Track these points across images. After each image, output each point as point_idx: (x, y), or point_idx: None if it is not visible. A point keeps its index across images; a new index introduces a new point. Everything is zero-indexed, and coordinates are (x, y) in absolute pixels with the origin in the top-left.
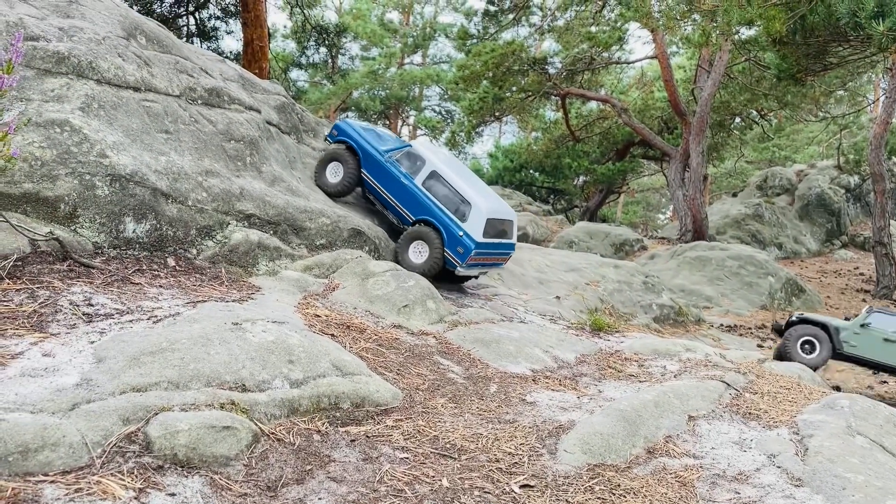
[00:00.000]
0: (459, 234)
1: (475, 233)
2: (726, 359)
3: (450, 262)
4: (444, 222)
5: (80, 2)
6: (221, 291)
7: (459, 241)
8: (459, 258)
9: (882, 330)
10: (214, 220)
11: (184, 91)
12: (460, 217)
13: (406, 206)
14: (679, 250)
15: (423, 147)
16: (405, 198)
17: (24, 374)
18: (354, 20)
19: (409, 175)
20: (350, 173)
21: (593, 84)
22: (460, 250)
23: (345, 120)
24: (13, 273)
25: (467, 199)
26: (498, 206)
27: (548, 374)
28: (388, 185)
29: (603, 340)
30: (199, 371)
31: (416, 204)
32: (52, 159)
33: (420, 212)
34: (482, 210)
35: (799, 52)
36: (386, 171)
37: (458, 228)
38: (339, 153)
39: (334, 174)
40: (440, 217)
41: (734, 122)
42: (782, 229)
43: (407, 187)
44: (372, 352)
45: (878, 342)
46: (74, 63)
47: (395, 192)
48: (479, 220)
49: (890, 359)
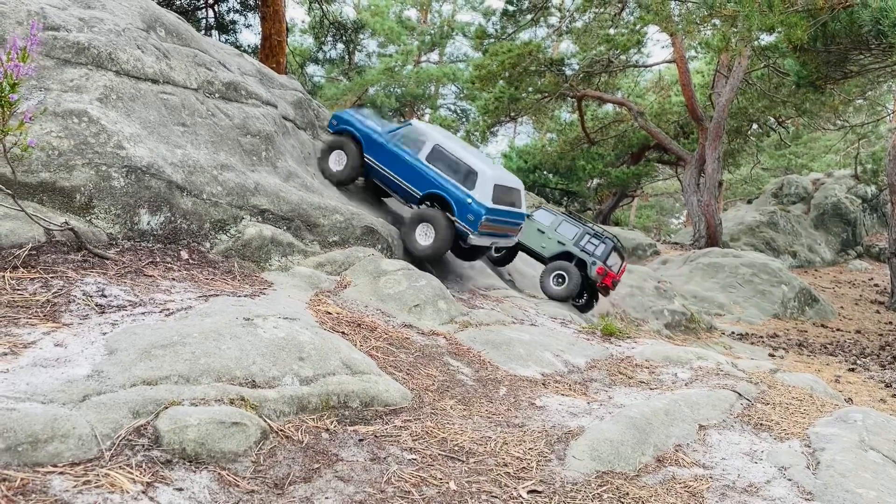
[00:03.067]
0: (468, 201)
1: (484, 199)
2: (738, 368)
3: (462, 232)
4: (452, 193)
5: None
6: (233, 286)
7: (469, 209)
8: (471, 226)
9: (539, 222)
10: (228, 214)
11: (202, 84)
12: (469, 186)
13: (412, 182)
14: (692, 256)
15: (422, 125)
16: (411, 175)
17: (35, 364)
18: (372, 17)
19: (413, 152)
20: (353, 160)
21: (610, 87)
22: (471, 217)
23: (343, 110)
24: (28, 262)
25: (472, 167)
26: (503, 174)
27: (558, 378)
28: (393, 164)
29: (614, 346)
30: (210, 366)
31: (422, 179)
32: (70, 149)
33: (427, 186)
34: (488, 176)
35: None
36: (389, 151)
37: (466, 196)
38: (340, 141)
39: (337, 162)
40: (447, 188)
41: (751, 129)
42: (797, 238)
43: (412, 164)
44: (382, 351)
45: (534, 232)
46: (94, 54)
47: (401, 171)
48: (486, 186)
49: (535, 245)
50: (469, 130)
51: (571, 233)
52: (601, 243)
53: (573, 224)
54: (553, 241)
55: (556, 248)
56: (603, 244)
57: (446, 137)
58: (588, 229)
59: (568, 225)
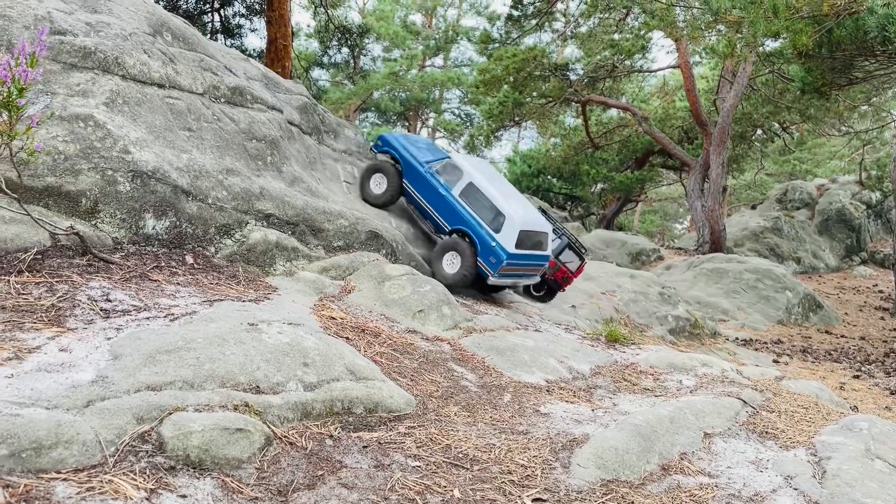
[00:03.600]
0: (492, 244)
1: (508, 244)
2: (743, 375)
3: (482, 272)
4: (478, 232)
5: None
6: (238, 290)
7: (492, 252)
8: (491, 268)
9: None
10: (234, 218)
11: (207, 89)
12: (495, 228)
13: (442, 215)
14: (696, 262)
15: (461, 159)
16: (442, 208)
17: (40, 369)
18: (377, 21)
19: (447, 186)
20: (393, 184)
21: (614, 92)
22: (492, 260)
23: (390, 133)
24: (33, 266)
25: (502, 210)
26: (532, 218)
27: (562, 385)
28: (427, 195)
29: (618, 352)
30: (214, 371)
31: (452, 214)
32: (76, 154)
33: (455, 221)
34: (515, 222)
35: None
36: (426, 181)
37: (490, 239)
38: (382, 166)
39: (378, 185)
40: (474, 227)
41: (755, 134)
42: (801, 244)
43: (444, 198)
44: (386, 356)
45: None
46: (100, 58)
47: (433, 202)
48: (512, 231)
49: None
50: (473, 135)
51: None
52: (556, 239)
53: None
54: None
55: None
56: (558, 240)
57: (482, 173)
58: None
59: None
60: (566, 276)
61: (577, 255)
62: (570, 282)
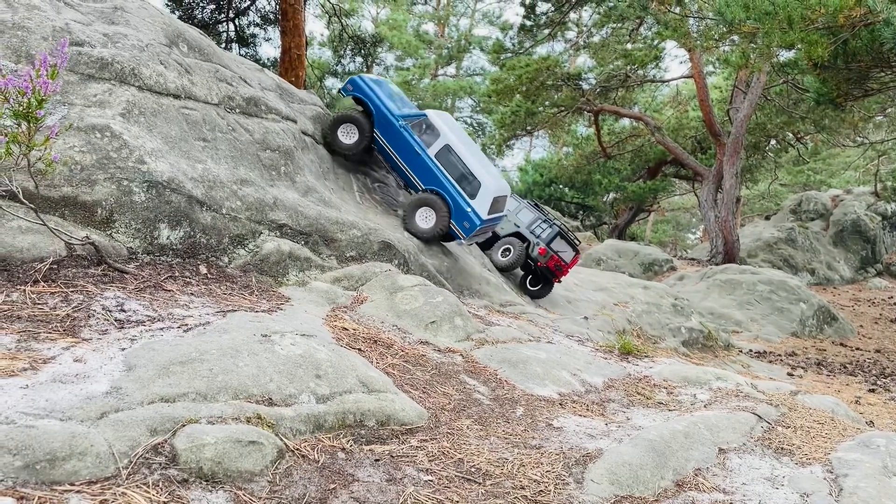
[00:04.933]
0: (467, 209)
1: (482, 210)
2: (758, 389)
3: (454, 234)
4: (454, 197)
5: (126, 9)
6: (251, 301)
7: (466, 216)
8: (465, 231)
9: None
10: (247, 228)
11: (222, 99)
12: (470, 194)
13: (417, 174)
14: (709, 272)
15: (438, 118)
16: (417, 166)
17: (55, 380)
18: (390, 31)
19: (423, 145)
20: (364, 133)
21: (627, 101)
22: (466, 225)
23: (361, 75)
24: (48, 276)
25: (477, 177)
26: (500, 184)
27: (575, 398)
28: (401, 150)
29: (632, 365)
30: (228, 383)
31: (427, 174)
32: (92, 164)
33: (430, 182)
34: (490, 189)
35: (840, 76)
36: (400, 136)
37: (465, 204)
38: (351, 115)
39: (348, 135)
40: (449, 190)
41: (769, 145)
42: (815, 255)
43: (420, 157)
44: (398, 368)
45: None
46: (117, 69)
47: (407, 159)
48: (486, 198)
49: None
50: (485, 143)
51: (528, 218)
52: (549, 228)
53: (531, 211)
54: (511, 223)
55: (511, 229)
56: (550, 229)
57: (457, 136)
58: (542, 216)
59: (527, 212)
60: (559, 265)
61: (571, 245)
62: (564, 272)
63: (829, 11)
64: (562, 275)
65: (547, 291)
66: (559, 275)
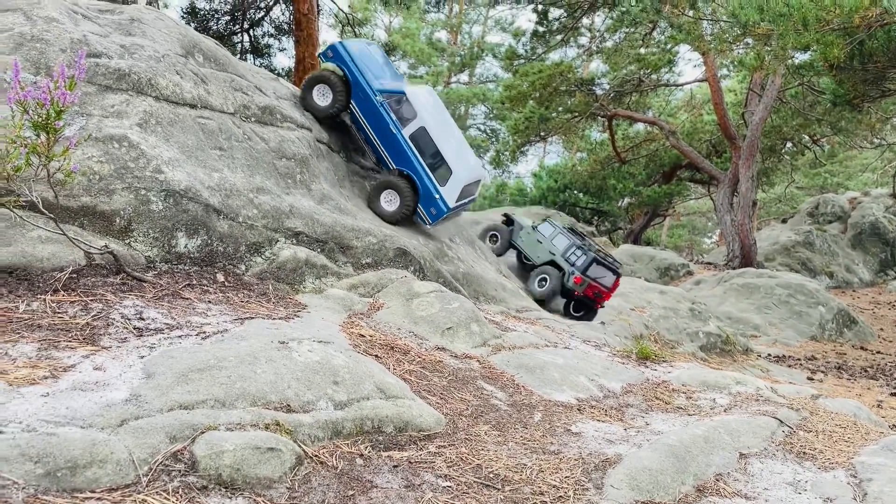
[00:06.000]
0: (436, 196)
1: (450, 198)
2: (778, 393)
3: (420, 218)
4: (423, 180)
5: (142, 20)
6: (268, 308)
7: (434, 203)
8: (430, 217)
9: (541, 234)
10: (264, 236)
11: (238, 109)
12: (440, 181)
13: (390, 153)
14: (726, 276)
15: (417, 98)
16: (390, 145)
17: (75, 388)
18: (403, 39)
19: (398, 124)
20: (339, 97)
21: (641, 105)
22: (433, 211)
23: (343, 42)
24: (68, 285)
25: (450, 165)
26: (471, 171)
27: (593, 403)
28: (376, 126)
29: (650, 370)
30: (246, 390)
31: (400, 154)
32: (110, 174)
33: (402, 162)
34: (460, 178)
35: (856, 77)
36: (376, 111)
37: (434, 191)
38: (327, 77)
39: (323, 96)
40: (420, 174)
41: (785, 147)
42: (834, 258)
43: (393, 135)
44: (415, 374)
45: (534, 241)
46: (134, 80)
47: (381, 136)
48: (456, 187)
49: (532, 253)
50: (499, 150)
51: (562, 245)
52: (583, 255)
53: (566, 237)
54: (546, 250)
55: (546, 257)
56: (585, 256)
57: (435, 118)
58: (576, 242)
59: (562, 238)
60: (599, 292)
61: (610, 269)
62: (605, 297)
63: (844, 12)
64: (603, 300)
65: (591, 317)
66: (600, 301)
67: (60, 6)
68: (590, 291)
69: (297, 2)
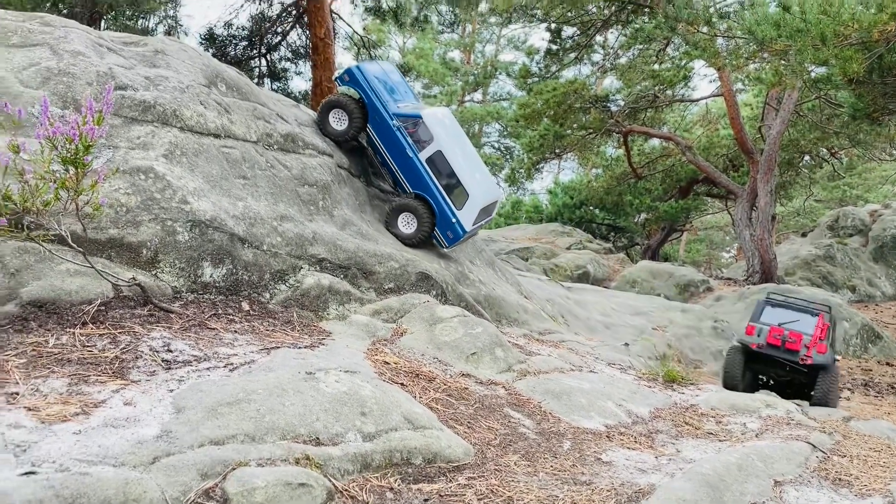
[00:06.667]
0: (452, 220)
1: (467, 222)
2: (809, 416)
3: (437, 241)
4: (440, 204)
5: (166, 52)
6: (293, 337)
7: (451, 227)
8: (447, 241)
9: None
10: (288, 264)
11: (261, 137)
12: (457, 205)
13: (406, 176)
14: (747, 292)
15: (434, 121)
16: (406, 168)
17: (106, 425)
18: (417, 59)
19: (415, 148)
20: (356, 120)
21: (656, 121)
22: (450, 235)
23: (359, 65)
24: (97, 318)
25: (466, 188)
26: (488, 192)
27: (622, 430)
28: (392, 150)
29: (677, 393)
30: (275, 423)
31: (417, 178)
32: (137, 205)
33: (418, 186)
34: (477, 201)
35: (875, 91)
36: (392, 135)
37: (451, 215)
38: (343, 102)
39: (339, 121)
40: (436, 198)
41: (803, 160)
42: (855, 271)
43: (410, 159)
44: (442, 403)
45: None
46: (159, 111)
47: (398, 160)
48: (473, 210)
49: None
50: (514, 168)
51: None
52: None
53: (787, 310)
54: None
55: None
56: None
57: (452, 140)
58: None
59: (781, 311)
60: None
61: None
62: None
63: (862, 27)
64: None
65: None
66: None
67: (86, 39)
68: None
69: (314, 27)
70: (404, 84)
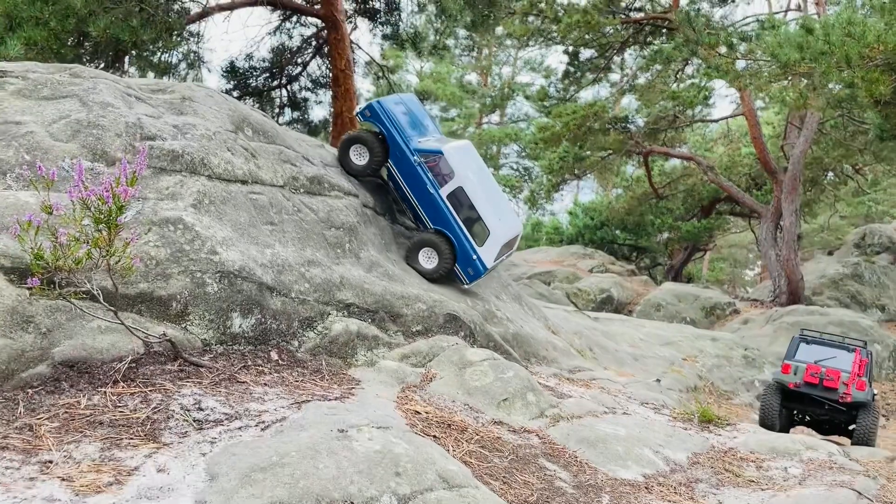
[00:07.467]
0: (473, 257)
1: (488, 259)
2: (851, 457)
3: (457, 276)
4: (461, 241)
5: (193, 98)
6: (323, 387)
7: (471, 263)
8: (468, 277)
9: None
10: (316, 311)
11: (287, 181)
12: (478, 242)
13: (427, 212)
14: (775, 315)
15: (455, 157)
16: (427, 204)
17: (140, 496)
18: (435, 83)
19: (436, 184)
20: (377, 155)
21: (676, 141)
22: (471, 272)
23: (380, 100)
24: (127, 375)
25: (487, 225)
26: (510, 228)
27: (661, 479)
28: (413, 185)
29: (714, 435)
30: (309, 489)
31: (437, 214)
32: (166, 258)
33: (439, 222)
34: (499, 238)
35: None
36: (413, 170)
37: (472, 251)
38: (364, 137)
39: (359, 157)
40: (457, 235)
41: (826, 178)
42: (884, 290)
43: (431, 195)
44: (476, 456)
45: None
46: (188, 160)
47: (419, 196)
48: (494, 247)
49: None
50: (533, 190)
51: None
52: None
53: (825, 347)
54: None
55: None
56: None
57: (473, 175)
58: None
59: (817, 348)
60: None
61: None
62: None
63: (888, 48)
64: None
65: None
66: None
67: (115, 90)
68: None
69: (335, 58)
70: (427, 116)
